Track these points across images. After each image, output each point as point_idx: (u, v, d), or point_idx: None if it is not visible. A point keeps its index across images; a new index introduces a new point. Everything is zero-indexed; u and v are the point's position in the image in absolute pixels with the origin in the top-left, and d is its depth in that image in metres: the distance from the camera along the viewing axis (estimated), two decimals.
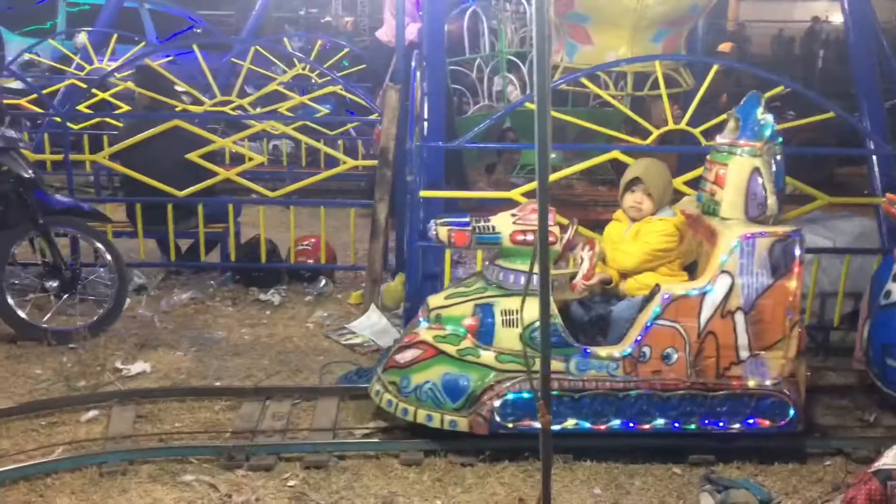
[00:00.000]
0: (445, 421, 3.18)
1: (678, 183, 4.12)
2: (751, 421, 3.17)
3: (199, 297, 4.98)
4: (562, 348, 3.12)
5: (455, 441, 3.25)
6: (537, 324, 3.01)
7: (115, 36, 7.94)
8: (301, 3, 20.20)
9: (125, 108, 7.03)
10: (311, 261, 5.27)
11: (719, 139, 3.33)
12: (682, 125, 4.51)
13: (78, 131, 6.96)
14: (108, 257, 4.40)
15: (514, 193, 4.22)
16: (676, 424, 3.16)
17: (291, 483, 3.05)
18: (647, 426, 3.16)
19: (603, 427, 3.16)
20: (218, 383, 3.77)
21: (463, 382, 3.17)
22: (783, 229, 3.14)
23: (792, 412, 3.15)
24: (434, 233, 3.25)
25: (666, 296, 3.13)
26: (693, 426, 3.16)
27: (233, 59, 8.01)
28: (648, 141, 4.40)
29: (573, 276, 3.29)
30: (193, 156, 5.03)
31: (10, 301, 4.19)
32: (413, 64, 4.73)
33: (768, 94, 4.32)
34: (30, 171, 4.23)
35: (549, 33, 2.15)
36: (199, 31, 11.14)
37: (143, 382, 3.84)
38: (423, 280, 4.32)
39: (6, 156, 4.15)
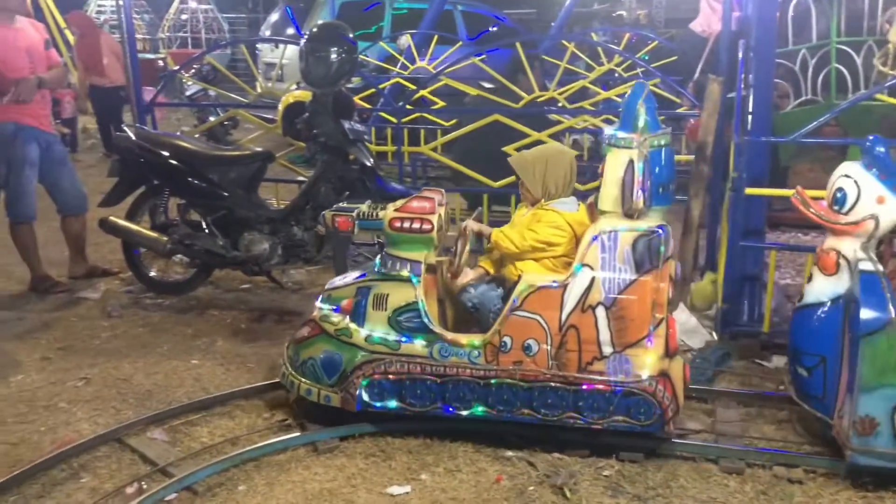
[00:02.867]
0: (321, 395, 3.31)
1: None
2: (615, 418, 3.06)
3: None
4: (423, 333, 3.19)
5: (779, 455, 3.11)
6: (403, 308, 3.16)
7: (436, 37, 8.54)
8: None
9: (441, 103, 7.57)
10: None
11: (606, 131, 3.15)
12: None
13: (400, 125, 7.63)
14: None
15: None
16: (539, 416, 3.12)
17: (607, 473, 3.09)
18: (509, 415, 3.16)
19: (465, 412, 3.18)
20: None
21: (337, 360, 3.28)
22: (647, 224, 3.01)
23: (658, 412, 3.01)
24: (321, 218, 3.39)
25: (524, 286, 3.09)
26: (555, 418, 3.10)
27: (542, 56, 8.22)
28: None
29: (451, 264, 3.38)
30: (510, 149, 5.27)
31: None
32: (740, 55, 4.51)
33: None
34: (371, 160, 4.71)
35: None
36: (494, 28, 11.57)
37: None
38: (742, 281, 4.13)
39: (354, 147, 4.66)
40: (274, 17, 13.29)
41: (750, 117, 4.27)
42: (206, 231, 4.81)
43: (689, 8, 14.29)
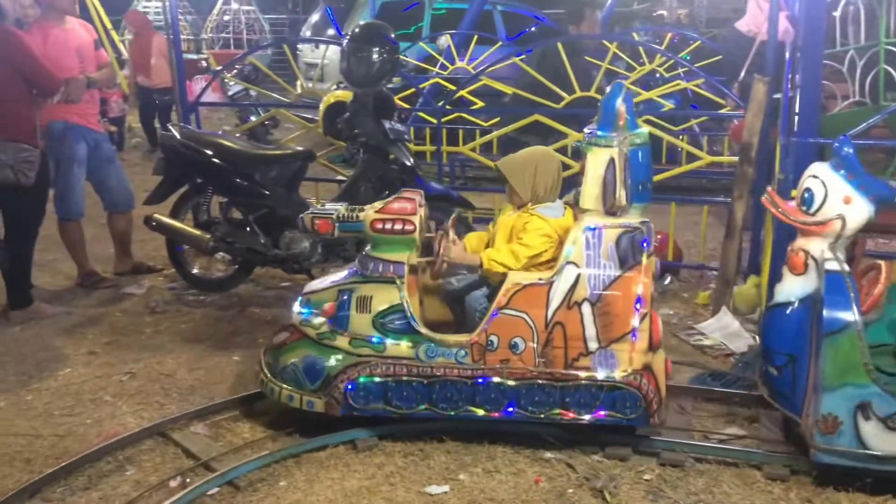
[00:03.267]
0: (304, 401, 3.26)
1: None
2: (601, 413, 3.08)
3: None
4: (409, 334, 3.16)
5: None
6: (387, 310, 3.16)
7: (476, 37, 8.53)
8: None
9: (480, 104, 7.56)
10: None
11: (586, 129, 3.17)
12: None
13: (439, 125, 7.64)
14: None
15: None
16: (527, 413, 3.13)
17: (647, 477, 3.06)
18: (496, 414, 3.14)
19: (453, 412, 3.16)
20: None
21: (320, 365, 3.23)
22: (630, 221, 3.05)
23: (643, 405, 3.05)
24: (300, 220, 3.35)
25: (511, 285, 3.10)
26: (543, 415, 3.11)
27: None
28: None
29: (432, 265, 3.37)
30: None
31: None
32: (787, 55, 4.43)
33: None
34: (411, 160, 4.72)
35: None
36: (533, 28, 11.51)
37: None
38: None
39: (395, 146, 4.66)
40: (314, 17, 13.40)
41: (796, 118, 4.19)
42: (248, 229, 4.86)
43: (731, 7, 14.07)
